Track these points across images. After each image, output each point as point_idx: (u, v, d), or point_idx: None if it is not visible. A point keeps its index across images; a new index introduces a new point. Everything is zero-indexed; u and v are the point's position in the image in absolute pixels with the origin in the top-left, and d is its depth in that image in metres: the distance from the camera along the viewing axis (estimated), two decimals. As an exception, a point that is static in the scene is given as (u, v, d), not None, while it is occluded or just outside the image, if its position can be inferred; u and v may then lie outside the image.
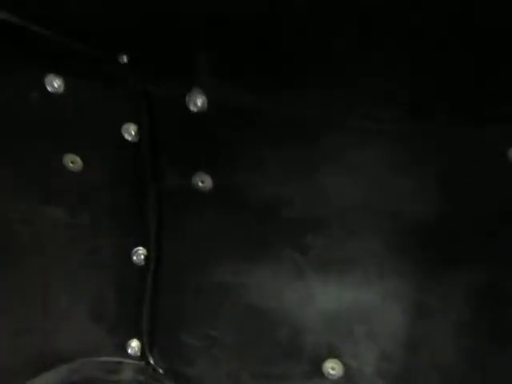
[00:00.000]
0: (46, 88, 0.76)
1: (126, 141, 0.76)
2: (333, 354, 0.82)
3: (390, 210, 0.76)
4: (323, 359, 0.82)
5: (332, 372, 0.82)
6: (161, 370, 0.86)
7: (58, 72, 0.75)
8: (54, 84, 0.75)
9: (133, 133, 0.76)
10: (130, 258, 0.83)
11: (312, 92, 0.69)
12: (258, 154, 0.74)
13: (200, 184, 0.77)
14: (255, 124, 0.73)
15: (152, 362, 0.86)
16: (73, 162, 0.81)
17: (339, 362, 0.82)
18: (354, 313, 0.81)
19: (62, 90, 0.76)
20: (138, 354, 0.86)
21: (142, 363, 0.86)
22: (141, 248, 0.82)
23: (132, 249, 0.83)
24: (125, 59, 0.68)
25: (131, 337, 0.86)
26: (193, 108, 0.72)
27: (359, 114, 0.69)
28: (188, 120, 0.73)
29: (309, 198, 0.76)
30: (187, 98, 0.72)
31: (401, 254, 0.78)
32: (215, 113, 0.72)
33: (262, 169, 0.74)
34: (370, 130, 0.70)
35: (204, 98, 0.71)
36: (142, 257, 0.82)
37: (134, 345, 0.86)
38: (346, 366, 0.82)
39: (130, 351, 0.86)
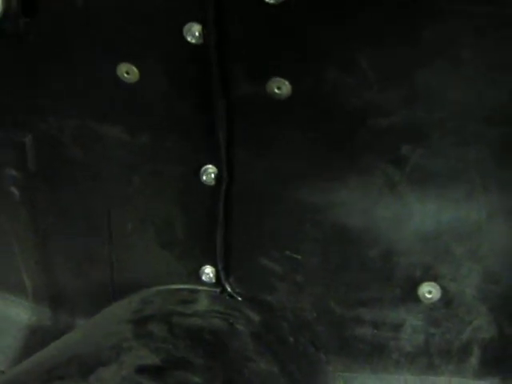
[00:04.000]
0: (91, -15, 0.64)
1: (189, 44, 0.65)
2: (429, 276, 0.74)
3: (498, 114, 0.64)
4: (418, 282, 0.74)
5: (428, 296, 0.74)
6: (239, 298, 0.79)
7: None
8: (101, -21, 0.64)
9: (196, 33, 0.64)
10: (198, 177, 0.74)
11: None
12: (350, 52, 0.62)
13: (276, 91, 0.66)
14: (346, 15, 0.60)
15: (229, 288, 0.79)
16: (128, 71, 0.70)
17: (436, 286, 0.74)
18: (455, 231, 0.71)
19: (110, -15, 0.64)
20: (213, 280, 0.79)
21: (218, 291, 0.79)
22: (210, 166, 0.73)
23: (201, 168, 0.73)
24: None
25: (205, 263, 0.79)
26: (269, -2, 0.59)
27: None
28: (262, 14, 0.61)
29: (408, 104, 0.64)
30: (262, -13, 0.59)
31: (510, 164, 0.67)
32: (297, 2, 0.59)
33: (353, 70, 0.62)
34: (490, 15, 0.57)
35: (282, -15, 0.59)
36: (213, 176, 0.73)
37: (209, 271, 0.79)
38: (444, 290, 0.74)
39: (204, 278, 0.79)
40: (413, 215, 0.71)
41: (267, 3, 0.60)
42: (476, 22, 0.59)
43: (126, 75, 0.70)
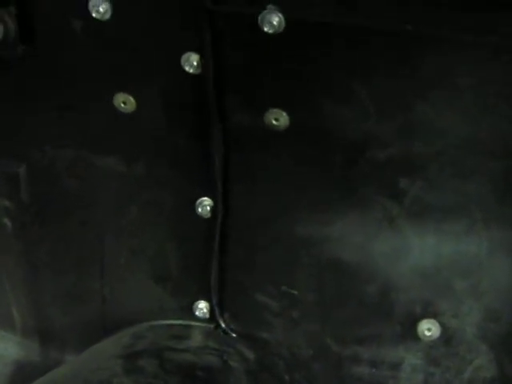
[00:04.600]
0: (90, 15, 0.64)
1: (187, 73, 0.65)
2: (429, 313, 0.72)
3: (501, 147, 0.64)
4: (418, 319, 0.72)
5: (428, 333, 0.72)
6: (233, 334, 0.77)
7: (104, -5, 0.63)
8: (100, 9, 0.64)
9: (194, 63, 0.64)
10: (193, 210, 0.72)
11: None
12: (347, 84, 0.61)
13: (274, 122, 0.66)
14: (344, 45, 0.60)
15: (223, 324, 0.77)
16: (125, 102, 0.70)
17: (436, 323, 0.72)
18: (455, 267, 0.70)
19: (108, 15, 0.64)
20: (207, 316, 0.77)
21: (212, 326, 0.77)
22: (206, 198, 0.72)
23: (196, 200, 0.72)
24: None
25: (199, 297, 0.77)
26: (267, 29, 0.59)
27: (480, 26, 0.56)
28: (260, 44, 0.61)
29: (405, 136, 0.64)
30: (260, 17, 0.59)
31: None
32: (295, 34, 0.59)
33: (351, 101, 0.62)
34: (489, 45, 0.57)
35: (281, 15, 0.59)
36: (208, 208, 0.72)
37: (202, 306, 0.77)
38: (444, 327, 0.72)
39: (197, 313, 0.77)
40: (412, 250, 0.70)
41: (265, 33, 0.60)
42: (476, 51, 0.59)
43: (122, 105, 0.70)
